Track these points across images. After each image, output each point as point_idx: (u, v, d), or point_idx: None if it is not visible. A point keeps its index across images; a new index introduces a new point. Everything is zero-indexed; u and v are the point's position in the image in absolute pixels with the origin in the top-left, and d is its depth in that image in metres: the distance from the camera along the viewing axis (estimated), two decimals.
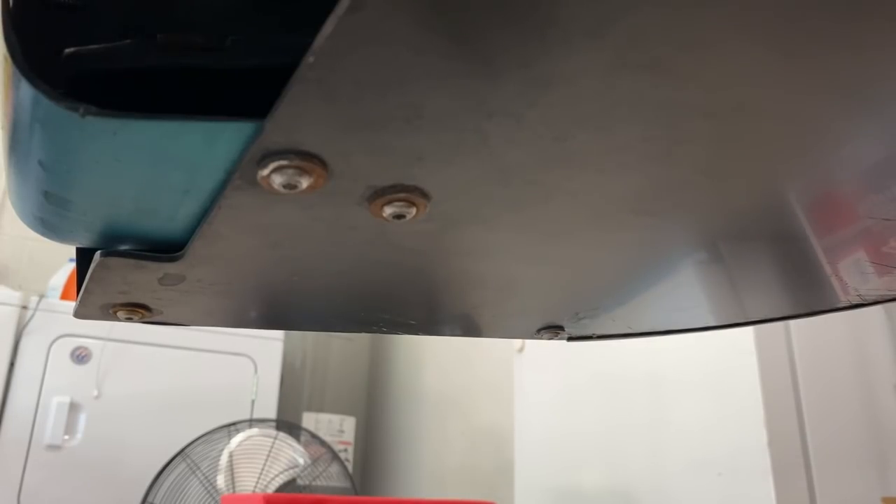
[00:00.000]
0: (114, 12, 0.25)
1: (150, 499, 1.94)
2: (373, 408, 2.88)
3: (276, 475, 1.98)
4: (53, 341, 2.17)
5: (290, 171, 0.22)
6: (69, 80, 0.22)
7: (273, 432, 2.09)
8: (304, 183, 0.22)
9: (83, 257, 0.31)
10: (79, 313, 0.35)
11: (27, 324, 2.17)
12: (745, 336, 1.07)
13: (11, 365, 2.13)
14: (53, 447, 2.09)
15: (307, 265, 0.31)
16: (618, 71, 0.19)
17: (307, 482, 2.05)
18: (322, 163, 0.22)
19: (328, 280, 0.33)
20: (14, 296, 2.19)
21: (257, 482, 1.94)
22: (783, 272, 0.36)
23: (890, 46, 0.19)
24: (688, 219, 0.28)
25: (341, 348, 2.97)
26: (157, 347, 2.26)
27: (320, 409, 2.73)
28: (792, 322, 1.11)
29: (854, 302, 0.39)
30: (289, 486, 1.99)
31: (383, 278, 0.33)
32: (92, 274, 0.30)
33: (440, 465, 2.27)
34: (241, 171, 0.22)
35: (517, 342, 1.73)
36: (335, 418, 2.64)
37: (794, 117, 0.22)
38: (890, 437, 1.09)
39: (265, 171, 0.22)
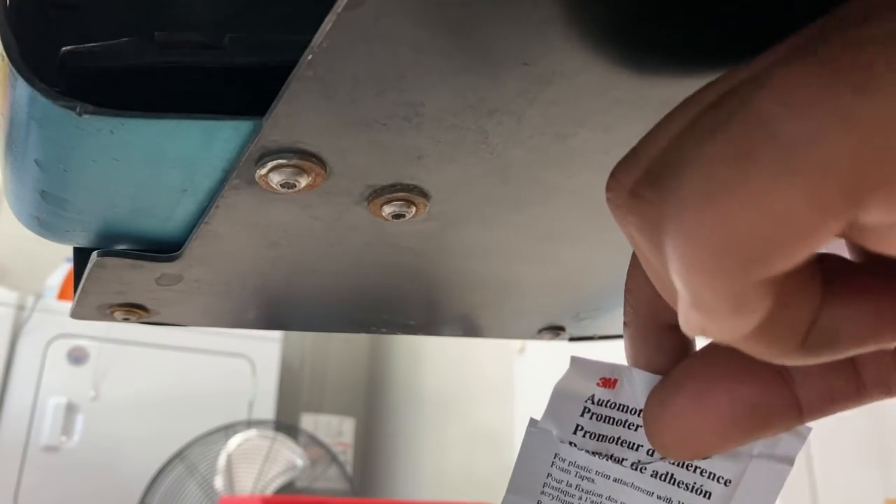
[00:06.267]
0: (111, 10, 0.25)
1: (147, 500, 1.94)
2: (372, 409, 2.88)
3: (275, 477, 1.98)
4: (50, 342, 2.17)
5: (289, 170, 0.21)
6: (66, 78, 0.22)
7: (271, 434, 2.09)
8: (303, 182, 0.22)
9: (80, 257, 0.31)
10: (75, 313, 0.34)
11: (24, 324, 2.16)
12: None
13: (8, 365, 2.12)
14: (50, 448, 2.09)
15: (305, 265, 0.31)
16: (618, 69, 0.19)
17: (306, 484, 2.05)
18: (321, 161, 0.22)
19: (327, 280, 0.33)
20: (11, 296, 2.18)
21: (255, 484, 1.94)
22: None
23: None
24: None
25: (340, 349, 2.97)
26: (154, 348, 2.26)
27: (319, 411, 2.73)
28: None
29: None
30: (287, 488, 1.99)
31: (383, 278, 0.33)
32: (89, 274, 0.30)
33: (440, 467, 2.27)
34: (239, 170, 0.22)
35: (517, 343, 1.73)
36: (334, 419, 2.64)
37: None
38: (893, 438, 1.08)
39: (263, 170, 0.21)
